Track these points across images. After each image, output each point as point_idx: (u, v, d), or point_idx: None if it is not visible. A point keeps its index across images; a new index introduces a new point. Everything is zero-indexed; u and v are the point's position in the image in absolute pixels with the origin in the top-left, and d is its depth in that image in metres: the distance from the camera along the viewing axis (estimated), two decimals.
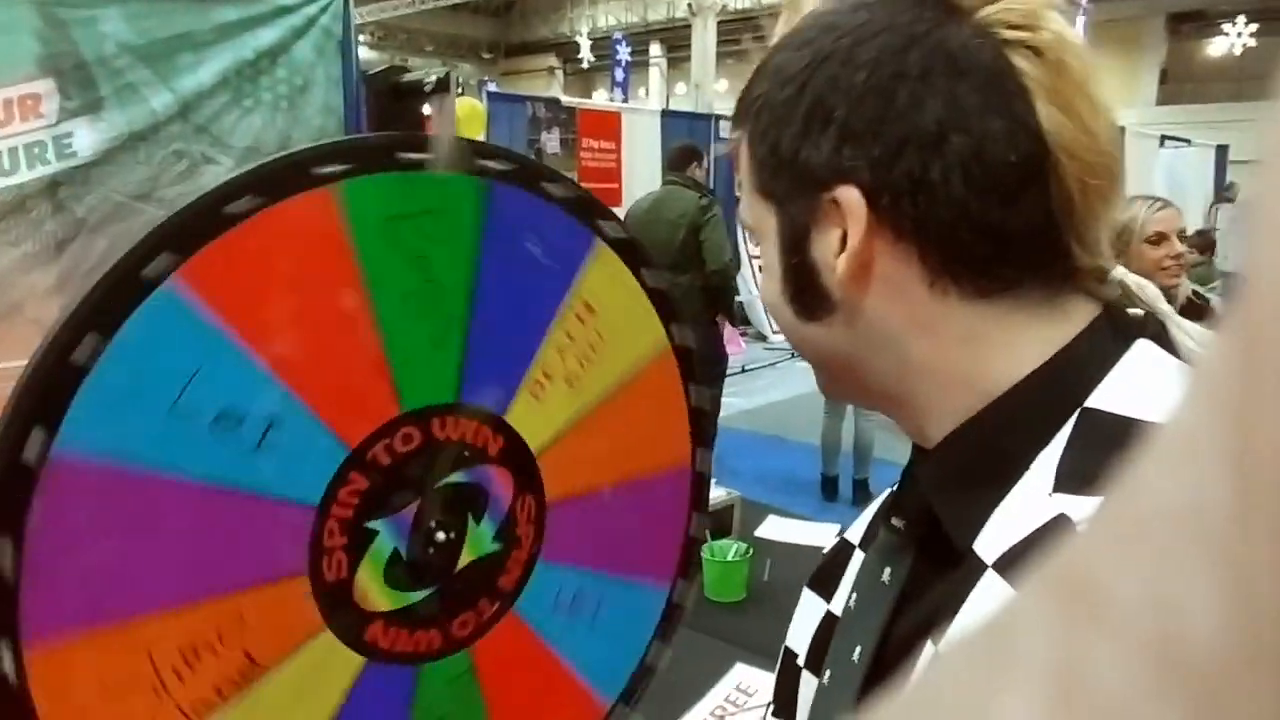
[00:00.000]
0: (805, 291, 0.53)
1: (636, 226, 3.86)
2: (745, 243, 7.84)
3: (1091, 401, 0.46)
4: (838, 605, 0.61)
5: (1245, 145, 10.88)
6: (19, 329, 2.11)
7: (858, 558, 0.61)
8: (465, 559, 0.70)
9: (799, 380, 6.12)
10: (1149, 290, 0.52)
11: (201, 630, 0.59)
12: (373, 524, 0.65)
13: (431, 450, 0.67)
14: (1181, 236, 2.46)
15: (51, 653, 0.54)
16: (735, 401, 5.86)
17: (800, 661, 0.63)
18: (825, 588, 0.63)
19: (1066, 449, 0.45)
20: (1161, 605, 0.10)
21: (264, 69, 2.77)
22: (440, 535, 0.69)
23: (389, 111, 0.73)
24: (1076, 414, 0.46)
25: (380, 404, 0.64)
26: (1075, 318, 0.49)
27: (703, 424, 0.81)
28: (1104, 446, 0.44)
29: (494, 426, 0.70)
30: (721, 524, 2.04)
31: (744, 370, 6.84)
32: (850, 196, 0.49)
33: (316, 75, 2.92)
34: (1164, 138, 9.75)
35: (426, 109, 0.70)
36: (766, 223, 0.55)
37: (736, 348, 4.60)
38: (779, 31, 0.56)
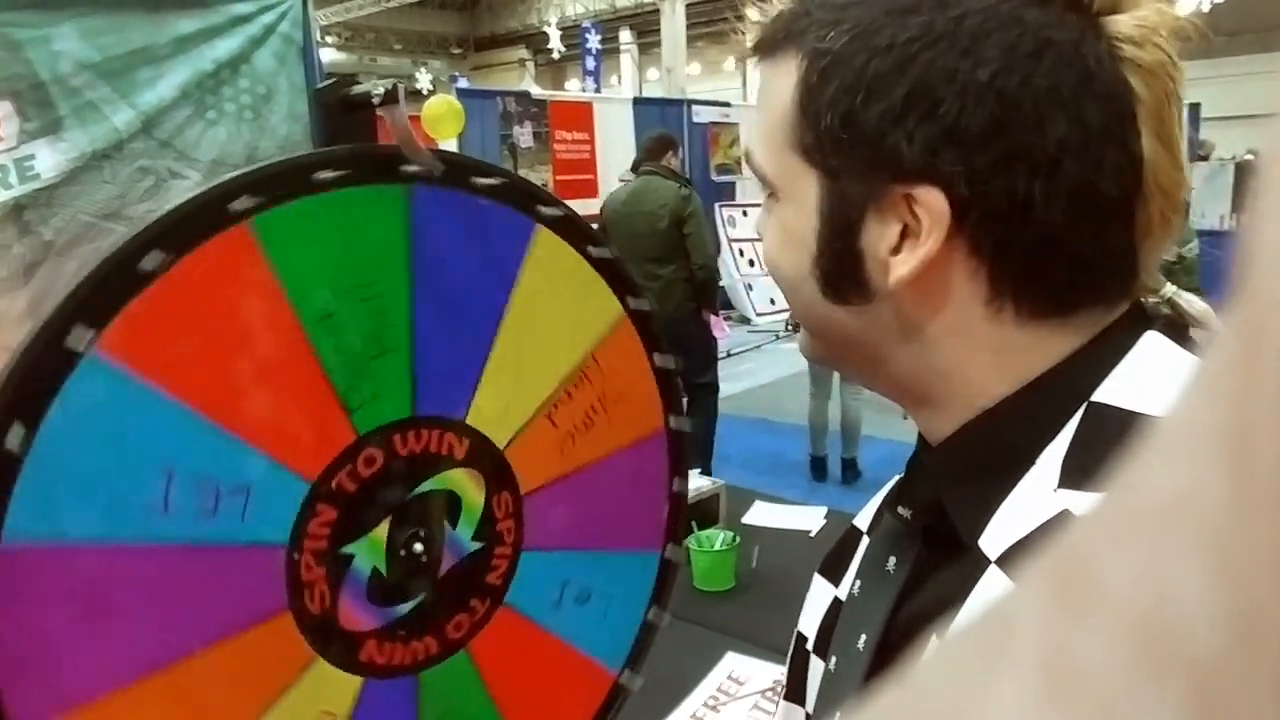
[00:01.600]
0: (841, 276, 0.50)
1: (615, 218, 3.86)
2: (723, 226, 7.83)
3: (1099, 395, 0.45)
4: (844, 591, 0.60)
5: (1218, 102, 10.91)
6: None
7: (864, 542, 0.61)
8: (448, 564, 0.71)
9: (784, 362, 6.12)
10: (1197, 305, 0.50)
11: (196, 683, 0.59)
12: (348, 549, 0.65)
13: (396, 467, 0.67)
14: None
15: None
16: (720, 386, 5.86)
17: (809, 646, 0.63)
18: (834, 573, 0.63)
19: (1073, 443, 0.45)
20: (1154, 594, 0.10)
21: (225, 80, 2.74)
22: (418, 547, 0.69)
23: (339, 125, 0.73)
24: (1084, 408, 0.45)
25: (335, 432, 0.64)
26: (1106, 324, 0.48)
27: (671, 385, 0.80)
28: (1109, 441, 0.43)
29: (458, 431, 0.70)
30: (708, 513, 2.04)
31: (729, 355, 6.84)
32: (934, 200, 0.45)
33: (279, 83, 2.89)
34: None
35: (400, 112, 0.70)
36: (801, 187, 0.50)
37: (721, 333, 4.61)
38: None
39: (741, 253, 7.66)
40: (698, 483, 3.19)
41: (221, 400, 0.58)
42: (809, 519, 2.04)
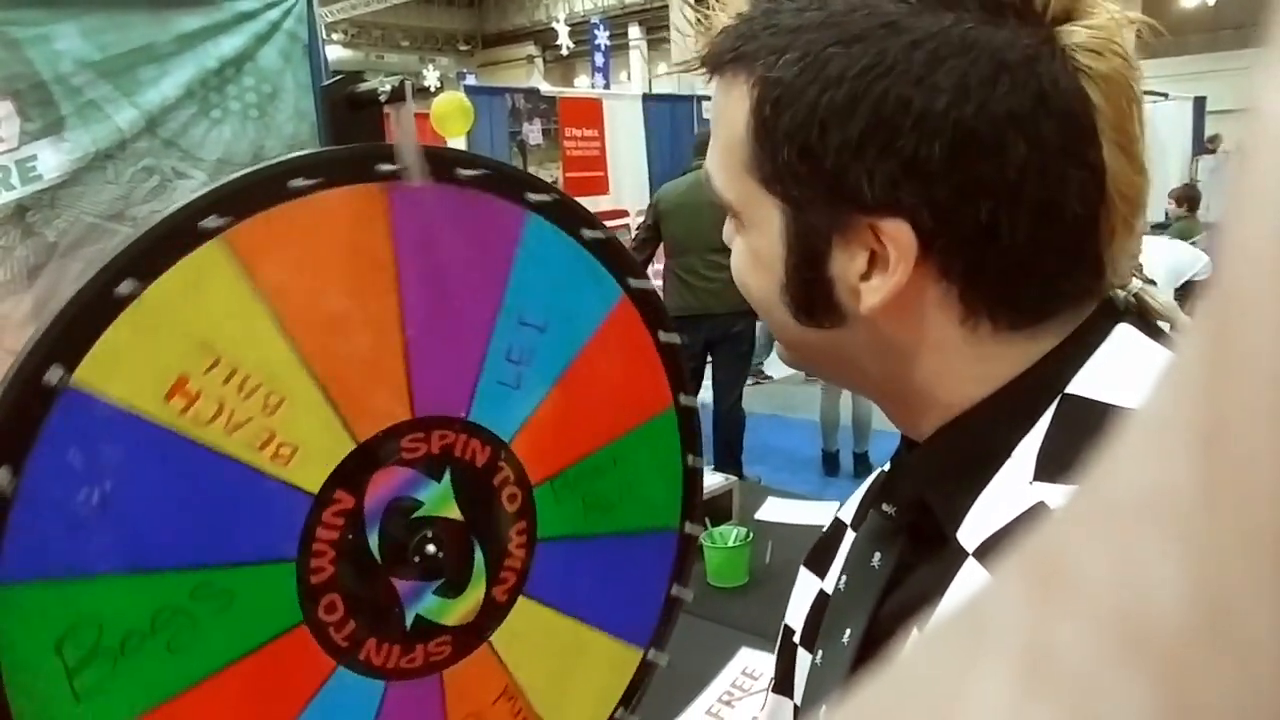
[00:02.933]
0: (812, 302, 0.50)
1: (673, 210, 3.81)
2: None
3: (1072, 387, 0.46)
4: (830, 584, 0.60)
5: (1223, 95, 10.87)
6: None
7: (850, 537, 0.61)
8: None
9: None
10: (1161, 299, 0.51)
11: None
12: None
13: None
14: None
15: None
16: (755, 387, 5.85)
17: (796, 639, 0.64)
18: (820, 566, 0.64)
19: (1047, 436, 0.45)
20: (1128, 584, 0.10)
21: (229, 78, 2.73)
22: (430, 548, 0.68)
23: (346, 122, 0.72)
24: (1057, 401, 0.46)
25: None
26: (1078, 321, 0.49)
27: (678, 362, 0.79)
28: (1082, 433, 0.44)
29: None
30: (721, 509, 2.02)
31: None
32: (900, 233, 0.45)
33: (285, 81, 2.87)
34: (1142, 93, 9.68)
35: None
36: (764, 215, 0.49)
37: None
38: None
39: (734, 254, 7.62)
40: (711, 479, 3.18)
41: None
42: (822, 514, 2.01)
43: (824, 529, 0.67)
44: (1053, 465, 0.44)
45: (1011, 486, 0.44)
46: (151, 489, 0.55)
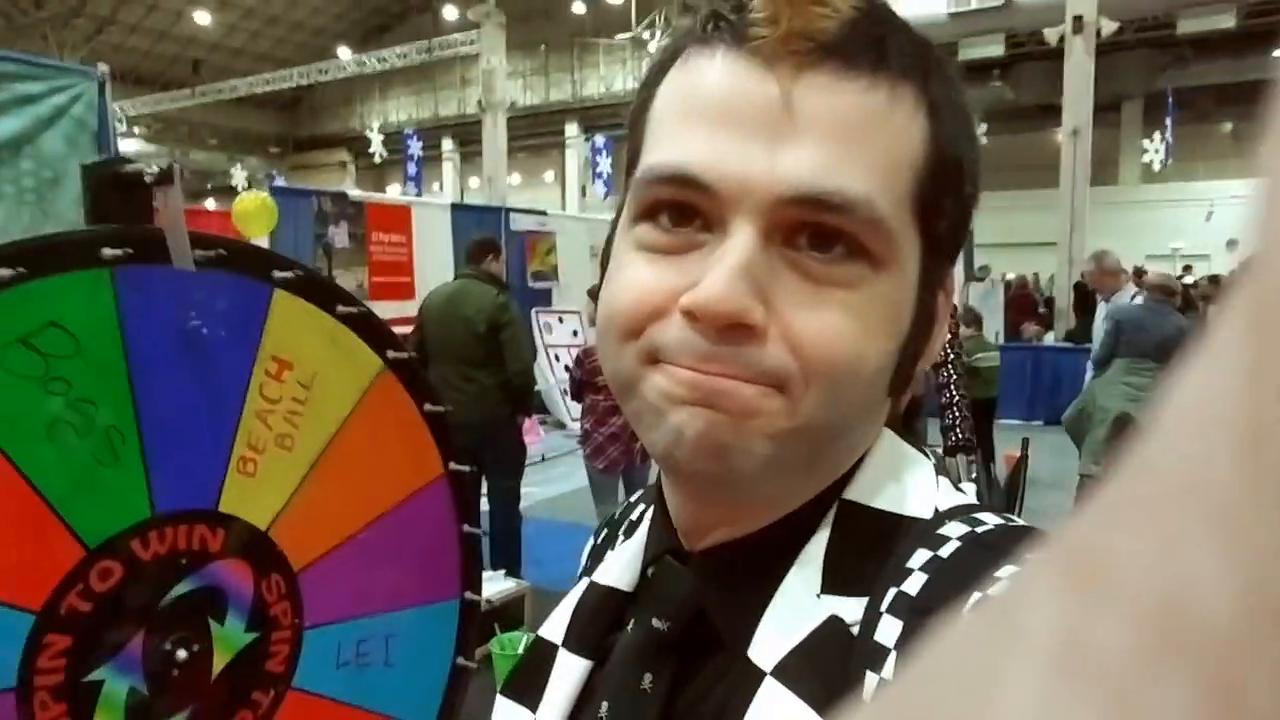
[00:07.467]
0: (915, 360, 0.46)
1: (432, 320, 3.81)
2: (540, 332, 7.90)
3: (849, 493, 0.46)
4: (549, 715, 0.52)
5: (992, 229, 12.04)
6: None
7: (564, 659, 0.53)
8: (221, 662, 0.67)
9: None
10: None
11: None
12: (94, 675, 0.60)
13: (140, 575, 0.62)
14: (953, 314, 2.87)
15: None
16: (535, 491, 5.80)
17: None
18: (526, 696, 0.55)
19: (830, 543, 0.44)
20: (1170, 577, 0.10)
21: (5, 160, 2.57)
22: (181, 654, 0.65)
23: (110, 205, 0.69)
24: (835, 505, 0.45)
25: (59, 553, 0.58)
26: None
27: (445, 430, 0.79)
28: (863, 540, 0.44)
29: (210, 522, 0.66)
30: (512, 616, 2.01)
31: (544, 459, 6.81)
32: (950, 282, 0.47)
33: (69, 167, 2.74)
34: None
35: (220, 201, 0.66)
36: (907, 255, 0.43)
37: (535, 437, 4.59)
38: None
39: (558, 358, 7.74)
40: (502, 585, 3.11)
41: None
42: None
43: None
44: (839, 576, 0.43)
45: (801, 599, 0.43)
46: None
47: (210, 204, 18.92)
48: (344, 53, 21.36)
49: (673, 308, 0.41)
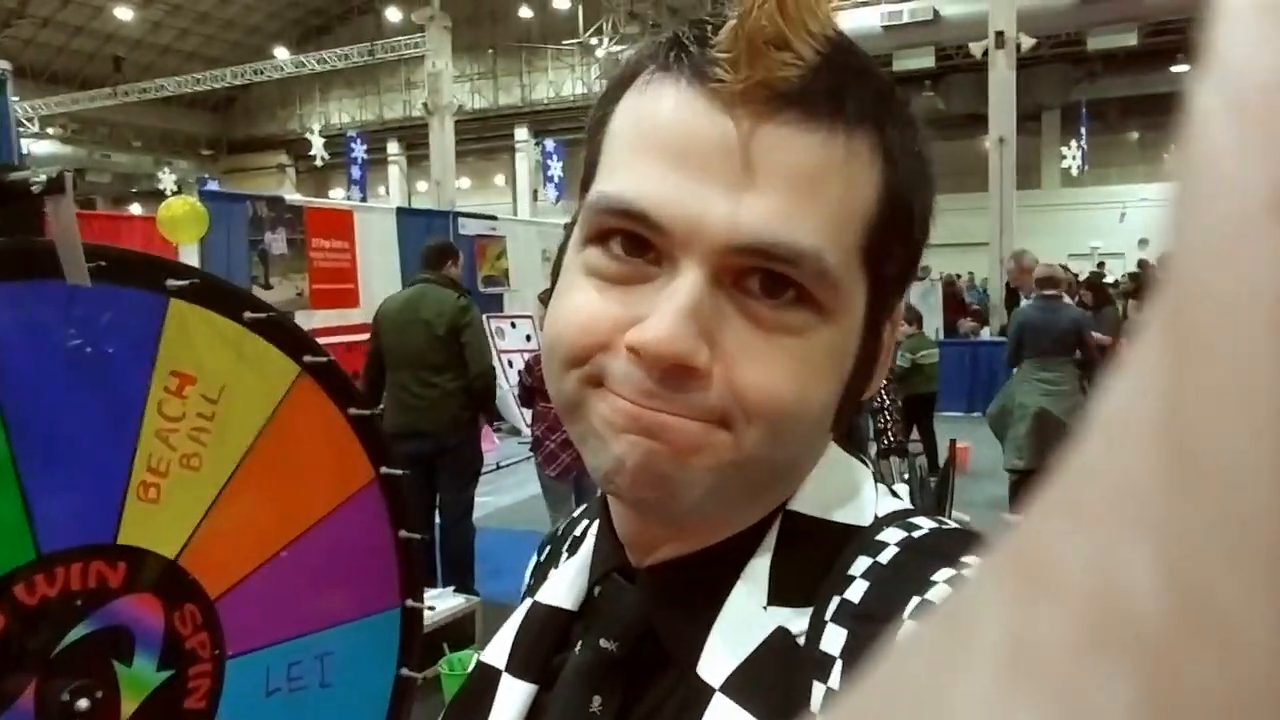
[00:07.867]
0: (858, 397, 0.48)
1: (389, 326, 3.74)
2: (493, 338, 7.80)
3: (794, 504, 0.46)
4: None
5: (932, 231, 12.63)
6: None
7: (508, 684, 0.52)
8: (130, 707, 0.61)
9: None
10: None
11: None
12: None
13: (28, 622, 0.56)
14: None
15: None
16: (490, 500, 5.73)
17: None
18: None
19: (776, 555, 0.45)
20: (1104, 577, 0.10)
21: None
22: (82, 703, 0.58)
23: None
24: (780, 517, 0.46)
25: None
26: None
27: (374, 432, 0.75)
28: (808, 551, 0.45)
29: (109, 556, 0.60)
30: (462, 634, 1.93)
31: (498, 467, 6.73)
32: (898, 316, 0.49)
33: None
34: None
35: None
36: (854, 301, 0.44)
37: (490, 445, 4.51)
38: None
39: (511, 363, 7.64)
40: (451, 601, 3.04)
41: None
42: None
43: None
44: (785, 588, 0.44)
45: (748, 612, 0.44)
46: None
47: (136, 209, 18.38)
48: (281, 53, 21.01)
49: (619, 340, 0.41)
